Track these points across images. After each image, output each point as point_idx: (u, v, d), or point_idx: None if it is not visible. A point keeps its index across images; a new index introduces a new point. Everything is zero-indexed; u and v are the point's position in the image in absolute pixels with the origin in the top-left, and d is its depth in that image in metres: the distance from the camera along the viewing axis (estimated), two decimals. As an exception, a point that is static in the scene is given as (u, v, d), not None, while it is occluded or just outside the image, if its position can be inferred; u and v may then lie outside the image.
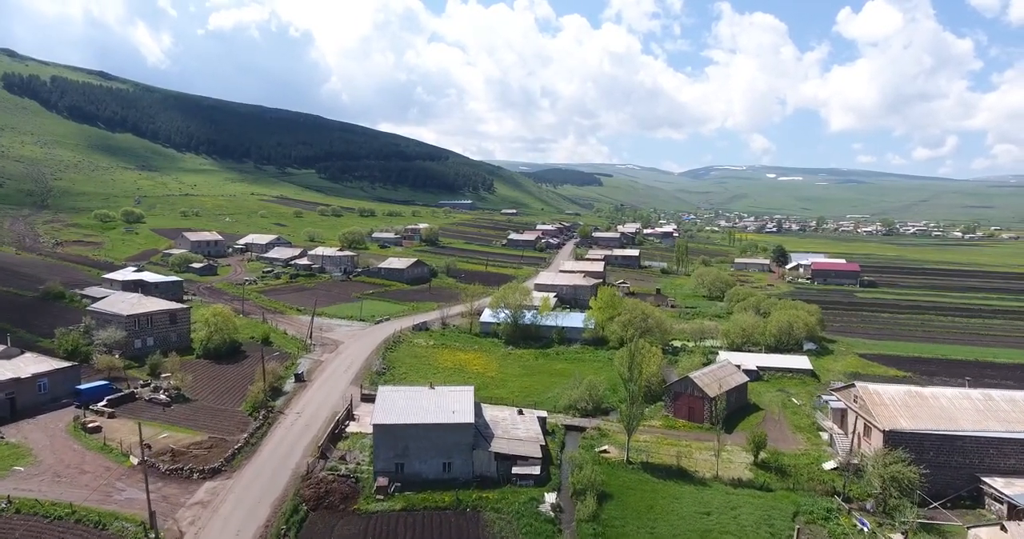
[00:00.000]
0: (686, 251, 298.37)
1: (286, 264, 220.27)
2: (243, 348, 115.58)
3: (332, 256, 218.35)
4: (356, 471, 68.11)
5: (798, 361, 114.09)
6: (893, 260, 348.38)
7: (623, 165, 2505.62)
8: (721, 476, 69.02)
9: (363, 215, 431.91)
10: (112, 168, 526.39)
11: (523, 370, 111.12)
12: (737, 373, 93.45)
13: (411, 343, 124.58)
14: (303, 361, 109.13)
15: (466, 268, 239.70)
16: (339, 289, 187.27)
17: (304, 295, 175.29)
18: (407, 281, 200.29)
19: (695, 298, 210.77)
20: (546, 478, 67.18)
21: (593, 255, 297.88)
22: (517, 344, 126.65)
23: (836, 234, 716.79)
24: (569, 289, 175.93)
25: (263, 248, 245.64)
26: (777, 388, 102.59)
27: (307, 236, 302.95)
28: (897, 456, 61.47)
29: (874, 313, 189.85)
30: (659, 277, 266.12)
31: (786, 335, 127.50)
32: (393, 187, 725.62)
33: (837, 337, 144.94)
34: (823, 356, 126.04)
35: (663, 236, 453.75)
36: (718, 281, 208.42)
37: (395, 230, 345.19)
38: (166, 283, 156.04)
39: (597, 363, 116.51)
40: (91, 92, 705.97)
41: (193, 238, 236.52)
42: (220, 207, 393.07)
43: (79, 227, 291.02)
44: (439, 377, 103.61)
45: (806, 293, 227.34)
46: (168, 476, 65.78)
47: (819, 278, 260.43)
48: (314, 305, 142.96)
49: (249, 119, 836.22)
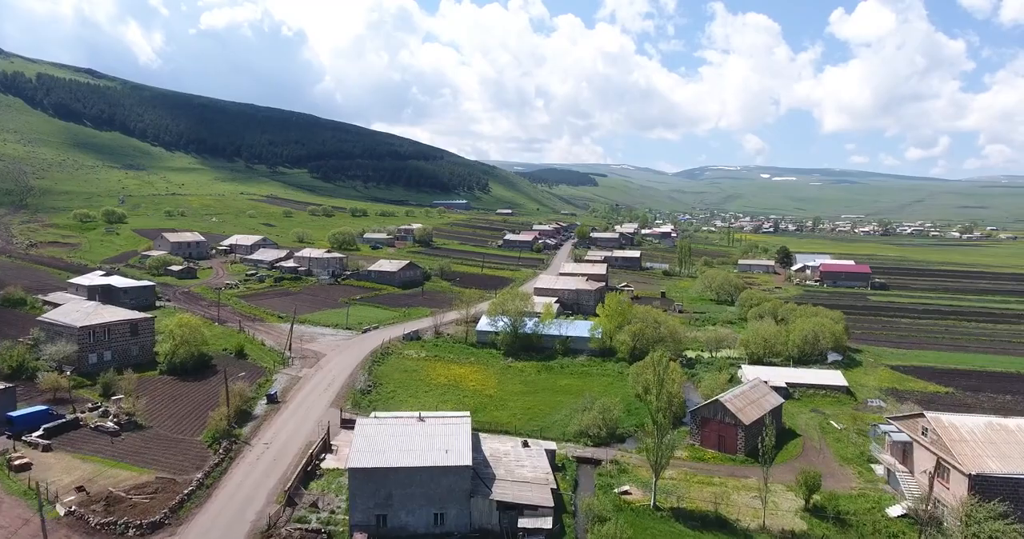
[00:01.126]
0: (689, 252, 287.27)
1: (271, 266, 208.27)
2: (214, 362, 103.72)
3: (319, 258, 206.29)
4: (330, 522, 56.38)
5: (831, 376, 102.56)
6: (898, 261, 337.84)
7: (617, 165, 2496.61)
8: (769, 527, 57.52)
9: (355, 215, 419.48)
10: (97, 167, 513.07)
11: (525, 386, 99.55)
12: (771, 394, 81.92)
13: (401, 355, 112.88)
14: (279, 377, 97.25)
15: (461, 270, 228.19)
16: (326, 293, 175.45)
17: (288, 300, 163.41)
18: (399, 285, 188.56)
19: (702, 302, 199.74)
20: (559, 532, 55.60)
21: (593, 256, 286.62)
22: (517, 355, 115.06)
23: (834, 234, 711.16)
24: (571, 294, 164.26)
25: (247, 250, 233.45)
26: (810, 408, 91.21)
27: (296, 237, 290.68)
28: (994, 510, 49.96)
29: (892, 318, 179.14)
30: (661, 279, 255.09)
31: (811, 345, 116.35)
32: (387, 187, 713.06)
33: (861, 346, 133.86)
34: (852, 368, 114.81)
35: (661, 236, 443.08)
36: (727, 284, 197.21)
37: (387, 231, 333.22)
38: (137, 288, 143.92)
39: (606, 378, 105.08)
40: (78, 90, 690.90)
41: (173, 239, 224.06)
42: (207, 207, 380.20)
43: (57, 227, 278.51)
44: (431, 396, 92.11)
45: (816, 296, 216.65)
46: (99, 532, 53.82)
47: (828, 280, 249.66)
48: (294, 313, 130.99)
49: (240, 118, 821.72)
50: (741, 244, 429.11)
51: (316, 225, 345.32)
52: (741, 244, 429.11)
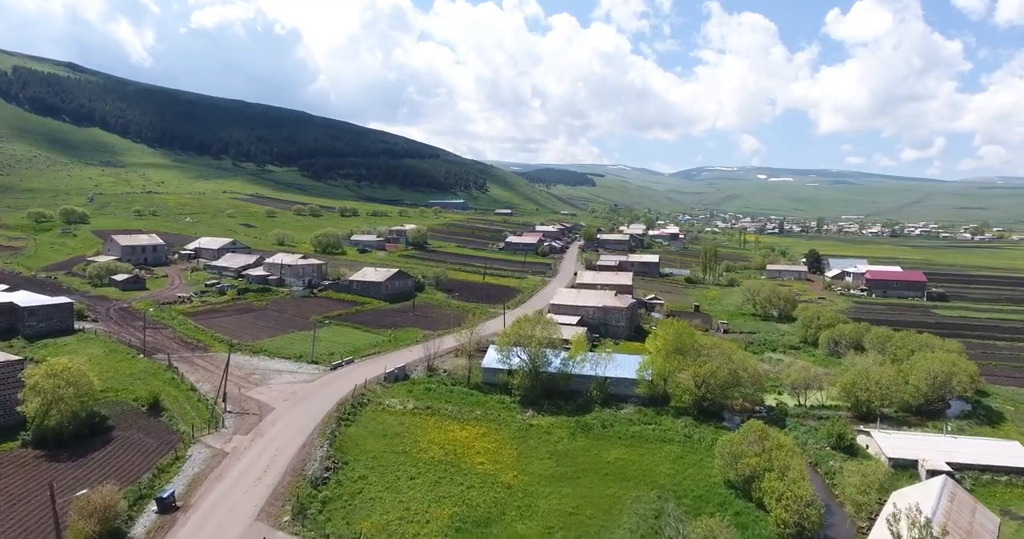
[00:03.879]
0: (715, 257, 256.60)
1: (237, 275, 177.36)
2: (110, 423, 72.98)
3: (294, 265, 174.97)
4: None
5: (1010, 453, 70.68)
6: (930, 265, 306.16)
7: (614, 165, 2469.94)
8: None
9: (344, 215, 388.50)
10: (71, 164, 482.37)
11: (556, 464, 68.47)
12: (979, 509, 50.18)
13: (380, 406, 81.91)
14: (195, 453, 65.90)
15: (459, 278, 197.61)
16: (296, 309, 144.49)
17: (247, 319, 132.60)
18: (385, 297, 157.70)
19: (743, 317, 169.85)
20: None
21: (606, 261, 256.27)
22: (539, 405, 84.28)
23: (841, 235, 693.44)
24: (597, 312, 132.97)
25: (214, 254, 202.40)
26: (998, 506, 60.30)
27: (275, 239, 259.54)
28: None
29: (986, 340, 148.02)
30: (685, 288, 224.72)
31: (937, 390, 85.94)
32: (381, 186, 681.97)
33: (985, 387, 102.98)
34: (998, 425, 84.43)
35: (670, 238, 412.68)
36: (774, 296, 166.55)
37: (378, 232, 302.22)
38: (47, 307, 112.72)
39: (670, 445, 73.97)
40: (57, 83, 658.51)
41: (125, 242, 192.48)
42: (184, 206, 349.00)
43: (7, 228, 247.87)
44: (420, 487, 61.17)
45: (871, 310, 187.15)
46: None
47: (877, 290, 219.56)
48: (229, 354, 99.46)
49: (228, 114, 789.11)
50: (756, 246, 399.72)
51: (301, 226, 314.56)
52: (756, 246, 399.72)
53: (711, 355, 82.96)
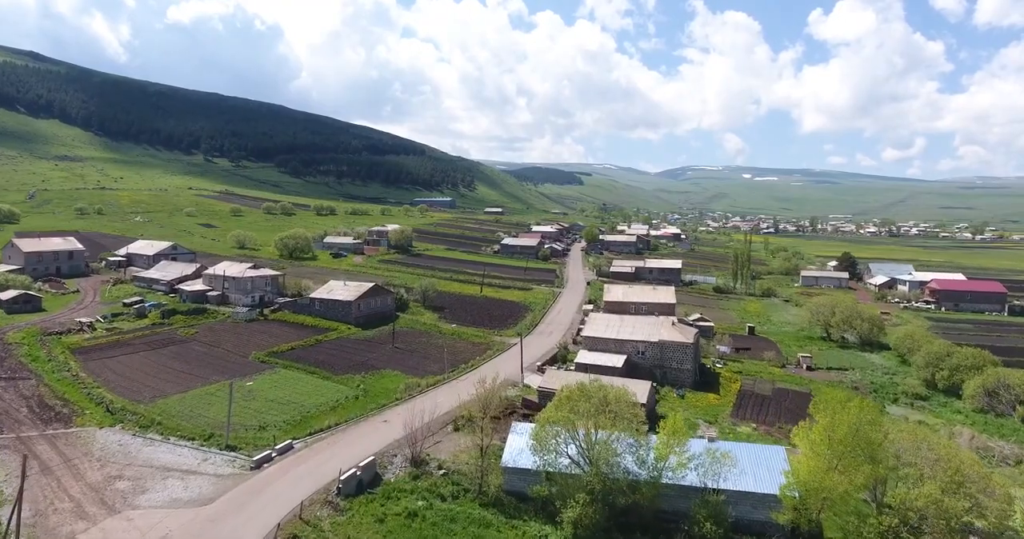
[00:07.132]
0: (748, 262, 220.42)
1: (170, 289, 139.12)
2: None
3: (241, 277, 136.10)
4: None
5: None
6: (957, 268, 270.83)
7: (600, 165, 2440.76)
8: None
9: (320, 214, 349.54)
10: (20, 158, 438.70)
11: None
12: None
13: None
14: None
15: (451, 290, 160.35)
16: (235, 341, 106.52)
17: (162, 359, 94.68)
18: (357, 321, 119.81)
19: (806, 341, 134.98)
20: None
21: (620, 267, 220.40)
22: (607, 543, 47.78)
23: (838, 235, 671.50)
24: (651, 349, 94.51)
25: (149, 261, 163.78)
26: None
27: (235, 241, 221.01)
28: None
29: None
30: (717, 300, 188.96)
31: None
32: (363, 183, 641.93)
33: None
34: None
35: (673, 238, 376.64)
36: (855, 317, 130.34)
37: (356, 233, 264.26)
38: None
39: None
40: (12, 73, 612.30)
41: (29, 248, 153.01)
42: (139, 204, 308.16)
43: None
44: None
45: (955, 329, 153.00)
46: None
47: (948, 303, 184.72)
48: (24, 461, 61.70)
49: (201, 108, 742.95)
50: (766, 248, 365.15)
51: (270, 226, 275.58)
52: (766, 248, 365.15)
53: (916, 462, 46.23)
